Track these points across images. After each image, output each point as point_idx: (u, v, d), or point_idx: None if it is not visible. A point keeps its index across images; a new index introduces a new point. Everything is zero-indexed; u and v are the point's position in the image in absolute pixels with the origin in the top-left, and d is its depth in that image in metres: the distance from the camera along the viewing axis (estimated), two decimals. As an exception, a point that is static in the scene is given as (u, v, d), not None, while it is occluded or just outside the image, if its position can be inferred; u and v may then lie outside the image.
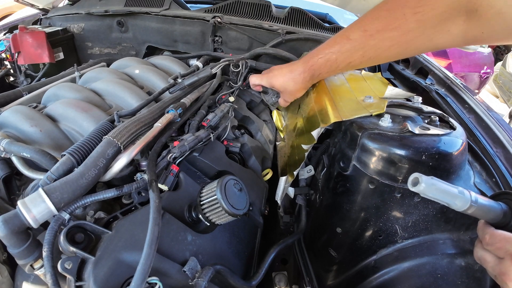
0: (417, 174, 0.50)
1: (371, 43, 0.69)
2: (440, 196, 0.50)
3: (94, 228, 0.56)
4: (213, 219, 0.64)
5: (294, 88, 0.92)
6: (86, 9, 1.65)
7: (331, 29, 1.50)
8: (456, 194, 0.50)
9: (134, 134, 0.70)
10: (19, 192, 0.73)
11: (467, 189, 0.51)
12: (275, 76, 0.94)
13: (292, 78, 0.90)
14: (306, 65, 0.86)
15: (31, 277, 0.61)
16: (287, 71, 0.91)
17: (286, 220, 1.01)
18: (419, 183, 0.49)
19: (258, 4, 1.54)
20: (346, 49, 0.75)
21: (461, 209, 0.50)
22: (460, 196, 0.50)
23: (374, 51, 0.71)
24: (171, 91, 1.01)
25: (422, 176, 0.49)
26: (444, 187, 0.50)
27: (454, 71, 4.03)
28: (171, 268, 0.56)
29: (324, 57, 0.81)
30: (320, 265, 0.89)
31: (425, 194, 0.49)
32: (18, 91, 1.04)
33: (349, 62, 0.77)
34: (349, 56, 0.76)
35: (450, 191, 0.50)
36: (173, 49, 1.62)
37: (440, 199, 0.50)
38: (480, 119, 0.96)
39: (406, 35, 0.63)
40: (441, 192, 0.49)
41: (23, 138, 0.76)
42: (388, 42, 0.67)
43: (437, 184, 0.49)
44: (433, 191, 0.49)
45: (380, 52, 0.70)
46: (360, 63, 0.76)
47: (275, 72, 0.94)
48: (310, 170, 1.01)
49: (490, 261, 0.51)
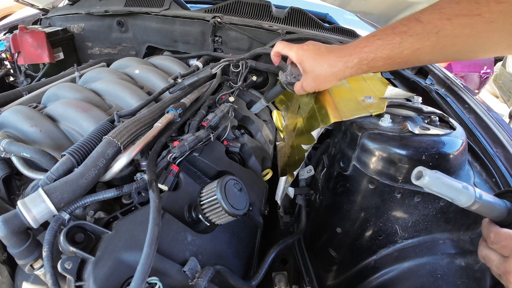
0: (421, 168, 0.48)
1: (448, 28, 0.57)
2: (444, 190, 0.48)
3: (94, 228, 0.56)
4: (213, 219, 0.64)
5: (326, 72, 0.72)
6: (86, 9, 1.65)
7: (331, 29, 1.50)
8: (461, 189, 0.49)
9: (134, 134, 0.70)
10: (19, 192, 0.73)
11: (471, 185, 0.50)
12: (308, 51, 0.76)
13: (329, 60, 0.71)
14: (356, 47, 0.68)
15: (31, 277, 0.61)
16: (325, 50, 0.74)
17: (286, 220, 1.01)
18: (423, 176, 0.47)
19: (258, 4, 1.54)
20: (415, 31, 0.60)
21: (465, 204, 0.49)
22: (465, 192, 0.49)
23: (450, 40, 0.58)
24: (171, 91, 1.01)
25: (426, 170, 0.48)
26: (449, 181, 0.48)
27: (454, 71, 4.03)
28: (171, 268, 0.56)
29: (384, 39, 0.63)
30: (320, 265, 0.89)
31: (428, 188, 0.48)
32: (18, 91, 1.04)
33: (416, 48, 0.61)
34: (418, 41, 0.60)
35: (454, 186, 0.49)
36: (173, 49, 1.62)
37: (444, 193, 0.49)
38: (480, 119, 0.96)
39: (488, 25, 0.54)
40: (446, 186, 0.48)
41: (23, 138, 0.76)
42: (467, 30, 0.56)
43: (442, 178, 0.48)
44: (437, 185, 0.48)
45: (456, 41, 0.58)
46: (429, 52, 0.60)
47: (310, 46, 0.77)
48: (310, 170, 1.01)
49: (495, 259, 0.50)
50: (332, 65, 0.71)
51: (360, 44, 0.67)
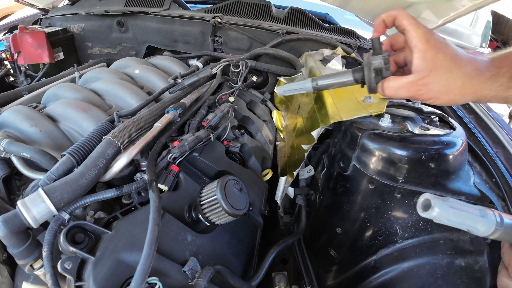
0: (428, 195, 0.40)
1: None
2: (458, 221, 0.41)
3: (94, 228, 0.56)
4: (213, 219, 0.64)
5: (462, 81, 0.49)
6: (86, 9, 1.65)
7: (331, 29, 1.50)
8: (478, 217, 0.41)
9: (134, 134, 0.70)
10: (19, 192, 0.73)
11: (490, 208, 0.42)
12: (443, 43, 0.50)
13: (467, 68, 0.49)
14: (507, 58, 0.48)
15: (31, 277, 0.61)
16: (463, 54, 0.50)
17: (286, 220, 1.01)
18: (432, 207, 0.40)
19: (258, 4, 1.54)
20: None
21: (485, 234, 0.42)
22: (483, 220, 0.41)
23: None
24: (171, 91, 1.01)
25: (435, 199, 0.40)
26: (463, 210, 0.41)
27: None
28: (171, 268, 0.56)
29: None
30: (320, 265, 0.89)
31: (439, 220, 0.41)
32: (18, 91, 1.04)
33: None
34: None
35: (471, 214, 0.41)
36: (173, 49, 1.62)
37: (458, 224, 0.41)
38: (480, 119, 0.96)
39: None
40: (460, 216, 0.40)
41: (23, 138, 0.76)
42: None
43: (455, 207, 0.40)
44: (450, 216, 0.40)
45: None
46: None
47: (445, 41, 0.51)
48: (310, 170, 1.01)
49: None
50: (469, 75, 0.48)
51: None
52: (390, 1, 1.28)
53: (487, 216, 0.42)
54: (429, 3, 1.21)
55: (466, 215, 0.41)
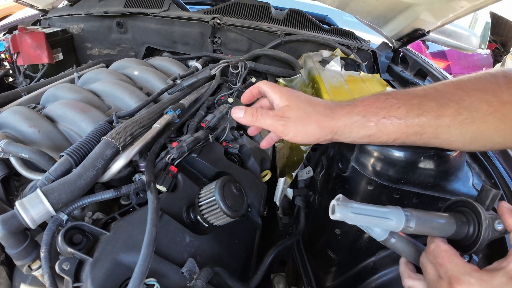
0: (334, 201, 0.44)
1: (467, 99, 0.51)
2: (363, 224, 0.43)
3: (92, 229, 0.55)
4: (212, 220, 0.64)
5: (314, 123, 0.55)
6: (86, 10, 1.65)
7: (330, 31, 1.50)
8: (382, 218, 0.43)
9: (132, 135, 0.70)
10: (17, 193, 0.73)
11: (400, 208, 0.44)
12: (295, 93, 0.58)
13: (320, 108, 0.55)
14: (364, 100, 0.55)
15: (29, 278, 0.61)
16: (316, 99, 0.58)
17: (285, 221, 1.01)
18: (335, 213, 0.43)
19: (257, 5, 1.54)
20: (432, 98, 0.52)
21: (398, 229, 0.44)
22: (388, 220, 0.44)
23: (469, 113, 0.51)
24: (170, 92, 1.01)
25: (339, 205, 0.43)
26: (367, 214, 0.43)
27: (453, 72, 4.05)
28: (169, 269, 0.56)
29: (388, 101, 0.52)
30: (319, 266, 0.89)
31: (353, 222, 0.44)
32: (17, 92, 1.04)
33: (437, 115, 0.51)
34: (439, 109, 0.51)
35: (375, 217, 0.43)
36: (172, 50, 1.62)
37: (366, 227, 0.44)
38: (479, 121, 0.96)
39: (503, 105, 0.49)
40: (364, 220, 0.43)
41: (21, 138, 0.76)
42: (485, 106, 0.50)
43: (358, 212, 0.43)
44: (354, 221, 0.43)
45: (476, 116, 0.50)
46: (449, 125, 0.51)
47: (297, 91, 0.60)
48: (309, 171, 1.01)
49: (430, 273, 0.45)
50: (322, 112, 0.54)
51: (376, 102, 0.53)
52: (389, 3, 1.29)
53: (397, 213, 0.44)
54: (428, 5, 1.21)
55: (369, 219, 0.43)
